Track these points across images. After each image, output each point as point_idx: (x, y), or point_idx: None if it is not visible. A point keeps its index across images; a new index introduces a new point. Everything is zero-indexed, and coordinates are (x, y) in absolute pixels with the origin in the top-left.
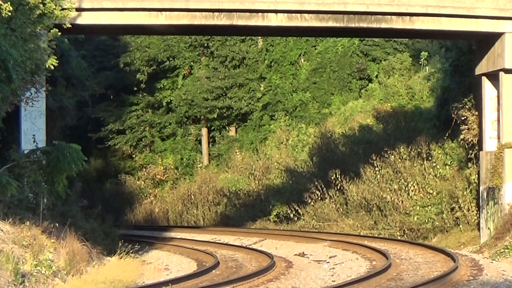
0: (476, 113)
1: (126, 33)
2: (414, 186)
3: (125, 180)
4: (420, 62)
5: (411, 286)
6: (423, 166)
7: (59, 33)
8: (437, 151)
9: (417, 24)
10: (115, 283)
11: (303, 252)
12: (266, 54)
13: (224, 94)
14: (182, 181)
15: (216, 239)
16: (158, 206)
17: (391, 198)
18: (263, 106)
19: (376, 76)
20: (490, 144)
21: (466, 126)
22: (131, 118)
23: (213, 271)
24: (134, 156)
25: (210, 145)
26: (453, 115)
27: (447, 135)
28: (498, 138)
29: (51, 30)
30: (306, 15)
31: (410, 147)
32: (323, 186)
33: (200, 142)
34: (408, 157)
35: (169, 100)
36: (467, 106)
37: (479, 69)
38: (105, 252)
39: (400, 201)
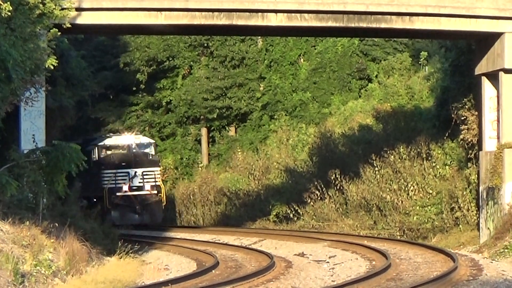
0: (476, 113)
1: (126, 33)
2: (413, 186)
3: None
4: (420, 62)
5: (411, 286)
6: (423, 166)
7: (59, 33)
8: (437, 151)
9: (417, 24)
10: (114, 283)
11: (302, 252)
12: (265, 54)
13: (223, 94)
14: (182, 181)
15: (215, 239)
16: None
17: (390, 198)
18: (262, 106)
19: (376, 76)
20: (489, 144)
21: (466, 126)
22: (130, 118)
23: (213, 271)
24: None
25: (210, 145)
26: (452, 115)
27: (446, 135)
28: (498, 138)
29: (51, 30)
30: (305, 15)
31: (409, 147)
32: (322, 186)
33: (199, 142)
34: (407, 157)
35: (168, 100)
36: (466, 106)
37: (479, 69)
38: (105, 252)
39: (400, 201)
